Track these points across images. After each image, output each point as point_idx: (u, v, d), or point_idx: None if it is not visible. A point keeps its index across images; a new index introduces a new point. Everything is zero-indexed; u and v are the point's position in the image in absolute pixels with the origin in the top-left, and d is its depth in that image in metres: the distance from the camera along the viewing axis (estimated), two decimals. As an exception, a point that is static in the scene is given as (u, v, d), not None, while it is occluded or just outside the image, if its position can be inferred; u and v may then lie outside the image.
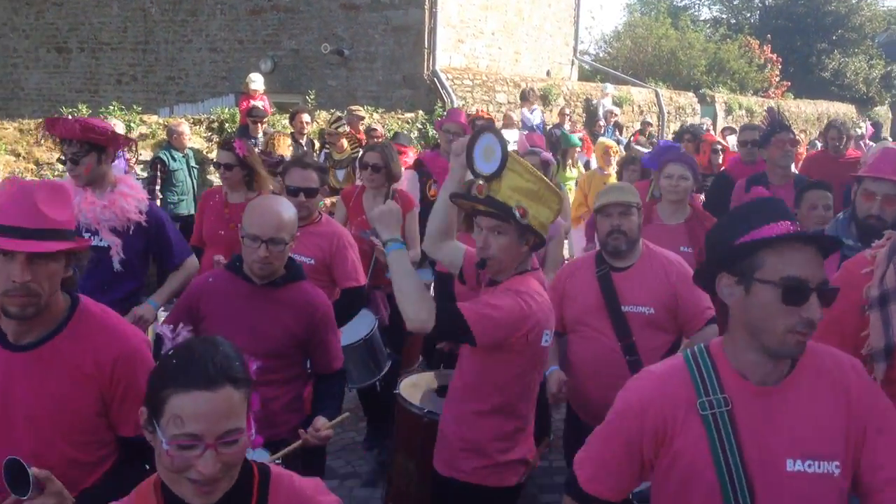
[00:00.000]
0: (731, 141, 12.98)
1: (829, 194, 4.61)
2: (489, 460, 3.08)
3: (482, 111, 11.83)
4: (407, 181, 6.64)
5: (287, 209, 3.31)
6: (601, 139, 10.23)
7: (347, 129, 9.04)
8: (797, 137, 11.34)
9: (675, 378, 2.08)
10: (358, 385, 4.95)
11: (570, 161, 10.56)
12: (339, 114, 9.85)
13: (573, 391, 3.79)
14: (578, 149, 11.23)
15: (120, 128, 8.87)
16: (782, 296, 1.91)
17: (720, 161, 9.03)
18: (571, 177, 10.41)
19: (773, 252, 1.95)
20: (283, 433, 3.26)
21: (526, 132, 9.06)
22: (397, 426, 3.87)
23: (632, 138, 15.07)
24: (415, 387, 3.99)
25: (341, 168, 8.38)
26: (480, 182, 2.89)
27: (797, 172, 6.88)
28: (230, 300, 3.30)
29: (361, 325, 4.84)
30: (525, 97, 14.24)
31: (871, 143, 12.57)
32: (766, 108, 19.64)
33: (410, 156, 8.37)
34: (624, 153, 9.74)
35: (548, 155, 5.96)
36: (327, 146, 8.85)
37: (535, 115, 14.26)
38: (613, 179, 7.91)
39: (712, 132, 12.89)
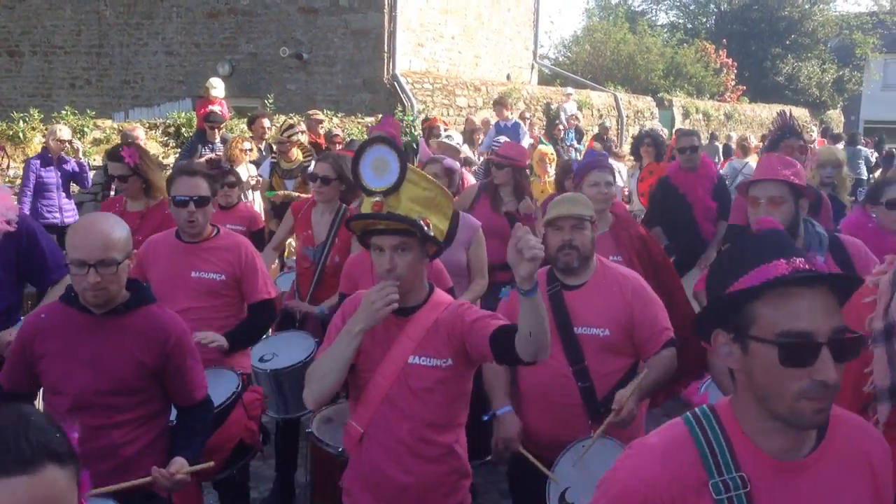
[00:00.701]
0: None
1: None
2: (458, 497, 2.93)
3: (438, 118, 11.56)
4: None
5: (115, 224, 2.93)
6: (540, 146, 9.89)
7: (304, 136, 8.79)
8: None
9: (679, 453, 1.70)
10: (294, 415, 4.52)
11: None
12: (290, 121, 9.71)
13: (521, 419, 3.45)
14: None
15: (66, 133, 8.67)
16: (780, 356, 1.57)
17: None
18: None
19: (766, 302, 1.61)
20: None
21: (503, 138, 8.82)
22: (313, 467, 3.65)
23: (587, 145, 15.02)
24: (329, 423, 3.67)
25: (291, 178, 8.09)
26: (377, 199, 2.68)
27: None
28: (68, 336, 2.93)
29: (299, 349, 4.47)
30: (499, 103, 13.17)
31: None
32: (716, 118, 19.19)
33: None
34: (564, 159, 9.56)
35: (451, 162, 5.45)
36: (275, 155, 8.52)
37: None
38: (549, 187, 7.60)
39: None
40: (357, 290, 3.09)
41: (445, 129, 10.99)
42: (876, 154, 20.88)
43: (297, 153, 8.34)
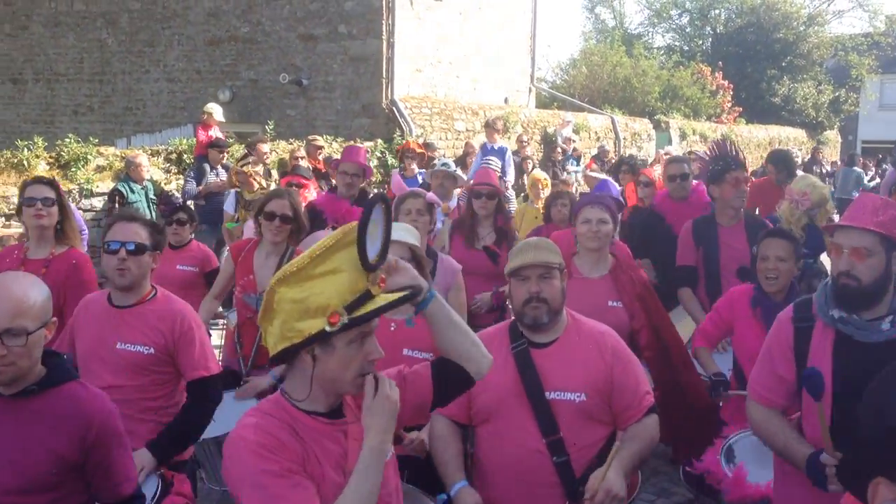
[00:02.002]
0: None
1: (786, 243, 4.23)
2: None
3: (411, 142, 10.95)
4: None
5: (30, 286, 2.44)
6: (534, 171, 9.79)
7: (258, 167, 8.58)
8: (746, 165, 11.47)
9: None
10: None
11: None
12: (244, 150, 9.70)
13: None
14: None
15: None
16: None
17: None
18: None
19: None
20: None
21: (493, 160, 8.69)
22: None
23: (585, 166, 15.04)
24: None
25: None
26: (380, 273, 2.11)
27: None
28: None
29: (240, 412, 3.36)
30: (489, 126, 12.58)
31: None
32: (712, 139, 17.90)
33: (312, 191, 7.60)
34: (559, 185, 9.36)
35: (433, 196, 4.94)
36: (237, 186, 8.24)
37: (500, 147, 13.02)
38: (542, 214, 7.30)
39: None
40: None
41: (433, 156, 10.79)
42: (871, 173, 21.05)
43: (258, 183, 8.13)
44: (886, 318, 2.79)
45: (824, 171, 21.64)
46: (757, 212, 7.11)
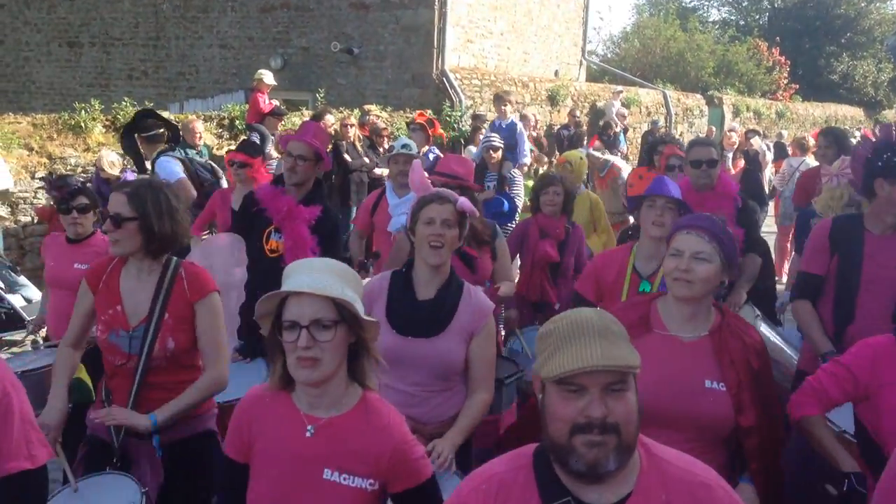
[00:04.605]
0: (756, 144, 12.40)
1: None
2: None
3: (422, 113, 10.22)
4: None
5: None
6: (567, 153, 8.28)
7: (353, 130, 8.45)
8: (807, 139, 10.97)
9: None
10: None
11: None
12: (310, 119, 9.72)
13: None
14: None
15: None
16: None
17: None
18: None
19: None
20: None
21: (495, 137, 7.87)
22: None
23: (587, 143, 12.83)
24: None
25: None
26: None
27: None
28: None
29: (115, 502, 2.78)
30: (498, 99, 10.35)
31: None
32: (868, 126, 13.92)
33: (263, 172, 6.20)
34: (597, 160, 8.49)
35: (466, 203, 3.34)
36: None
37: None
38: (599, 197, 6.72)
39: (735, 139, 12.40)
40: None
41: (438, 134, 9.79)
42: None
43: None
44: None
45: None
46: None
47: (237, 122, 11.39)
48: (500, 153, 7.73)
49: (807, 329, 3.88)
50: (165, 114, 11.62)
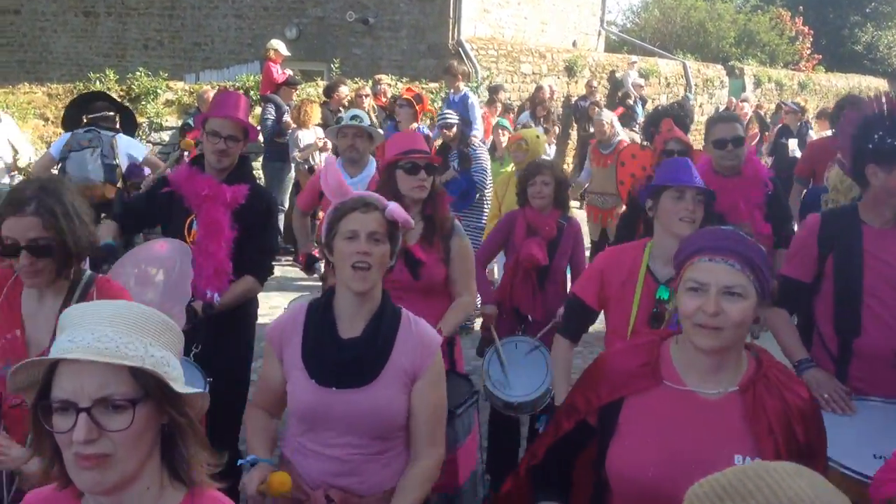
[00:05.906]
0: (790, 119, 10.82)
1: None
2: None
3: (410, 89, 9.56)
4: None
5: None
6: (522, 129, 7.79)
7: (368, 100, 8.33)
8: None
9: None
10: None
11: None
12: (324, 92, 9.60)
13: None
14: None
15: None
16: None
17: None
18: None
19: None
20: None
21: (450, 114, 7.45)
22: None
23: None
24: None
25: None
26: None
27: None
28: None
29: None
30: (448, 72, 9.86)
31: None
32: (868, 92, 12.80)
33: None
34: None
35: (398, 210, 2.64)
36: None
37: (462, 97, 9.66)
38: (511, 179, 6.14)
39: (747, 109, 11.70)
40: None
41: (428, 110, 9.02)
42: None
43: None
44: None
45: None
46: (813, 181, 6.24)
47: (252, 92, 11.35)
48: (454, 129, 7.36)
49: (778, 334, 3.27)
50: (180, 84, 11.62)
